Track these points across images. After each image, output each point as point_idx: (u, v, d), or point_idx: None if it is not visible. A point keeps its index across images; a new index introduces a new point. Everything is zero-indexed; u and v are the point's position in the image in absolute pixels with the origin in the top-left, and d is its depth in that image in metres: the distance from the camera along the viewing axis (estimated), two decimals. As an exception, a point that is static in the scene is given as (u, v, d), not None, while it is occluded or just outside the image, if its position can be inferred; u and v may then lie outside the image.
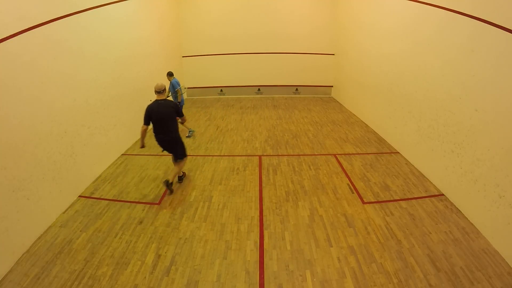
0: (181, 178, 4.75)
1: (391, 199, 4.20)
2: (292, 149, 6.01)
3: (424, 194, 4.28)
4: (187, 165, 5.37)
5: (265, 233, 3.57)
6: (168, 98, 4.55)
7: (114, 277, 2.96)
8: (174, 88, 6.56)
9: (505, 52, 3.17)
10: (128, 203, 4.21)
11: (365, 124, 7.45)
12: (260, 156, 5.69)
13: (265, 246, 3.35)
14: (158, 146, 4.39)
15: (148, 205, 4.16)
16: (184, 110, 9.03)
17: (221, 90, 10.67)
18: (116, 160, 5.58)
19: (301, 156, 5.64)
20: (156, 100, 4.16)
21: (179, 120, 4.44)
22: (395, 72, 5.78)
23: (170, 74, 6.68)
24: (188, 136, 6.71)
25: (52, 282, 2.90)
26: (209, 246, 3.37)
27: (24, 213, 3.34)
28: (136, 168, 5.28)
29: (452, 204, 4.02)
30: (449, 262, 3.05)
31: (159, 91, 4.15)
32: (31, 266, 3.10)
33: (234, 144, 6.33)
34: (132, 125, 6.35)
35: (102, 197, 4.37)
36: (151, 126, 4.20)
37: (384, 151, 5.83)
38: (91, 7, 4.82)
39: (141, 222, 3.80)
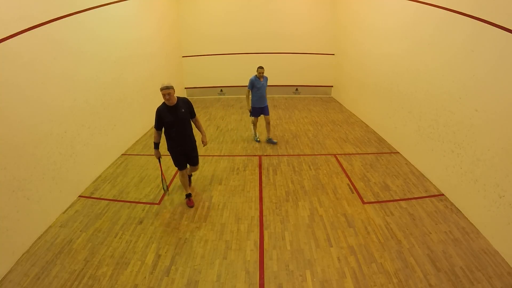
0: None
1: (391, 199, 4.20)
2: (292, 149, 6.01)
3: (424, 194, 4.28)
4: (187, 165, 5.39)
5: (265, 233, 3.57)
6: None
7: (114, 277, 2.96)
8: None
9: (505, 52, 3.16)
10: (128, 203, 4.21)
11: (365, 124, 7.44)
12: (260, 156, 5.69)
13: (265, 246, 3.35)
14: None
15: (148, 205, 4.16)
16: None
17: (221, 90, 10.67)
18: (116, 160, 5.58)
19: (301, 156, 5.64)
20: None
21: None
22: (395, 72, 5.78)
23: (259, 68, 5.96)
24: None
25: (52, 282, 2.90)
26: (209, 246, 3.37)
27: (24, 213, 3.34)
28: (136, 168, 5.28)
29: (452, 204, 4.02)
30: (449, 262, 3.05)
31: None
32: (31, 266, 3.10)
33: (234, 144, 6.33)
34: (132, 125, 6.35)
35: (102, 197, 4.37)
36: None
37: (384, 151, 5.83)
38: (91, 7, 4.82)
39: (141, 222, 3.80)
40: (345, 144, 6.18)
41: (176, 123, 3.75)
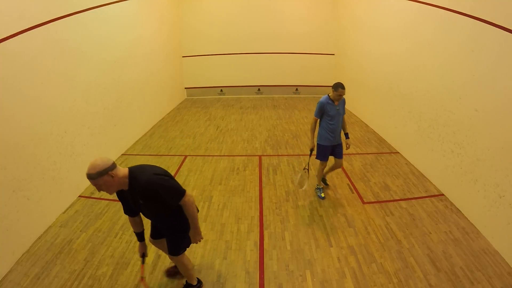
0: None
1: (391, 199, 4.20)
2: (292, 149, 6.01)
3: (424, 194, 4.28)
4: (187, 165, 5.37)
5: (265, 233, 3.57)
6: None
7: (114, 277, 2.96)
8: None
9: (505, 52, 3.16)
10: (128, 203, 4.21)
11: (365, 124, 7.44)
12: (260, 156, 5.69)
13: (265, 246, 3.35)
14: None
15: (148, 205, 4.16)
16: (184, 111, 9.05)
17: (221, 90, 10.67)
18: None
19: (301, 156, 5.64)
20: None
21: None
22: (395, 72, 5.78)
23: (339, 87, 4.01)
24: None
25: (52, 282, 2.90)
26: (209, 246, 3.37)
27: (24, 213, 3.34)
28: (136, 168, 5.27)
29: (452, 204, 4.02)
30: (449, 262, 3.04)
31: None
32: (31, 266, 3.10)
33: (234, 144, 6.33)
34: (132, 125, 6.35)
35: (102, 197, 4.36)
36: None
37: (384, 151, 5.83)
38: (92, 7, 4.82)
39: (141, 222, 3.80)
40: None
41: (141, 210, 2.38)
